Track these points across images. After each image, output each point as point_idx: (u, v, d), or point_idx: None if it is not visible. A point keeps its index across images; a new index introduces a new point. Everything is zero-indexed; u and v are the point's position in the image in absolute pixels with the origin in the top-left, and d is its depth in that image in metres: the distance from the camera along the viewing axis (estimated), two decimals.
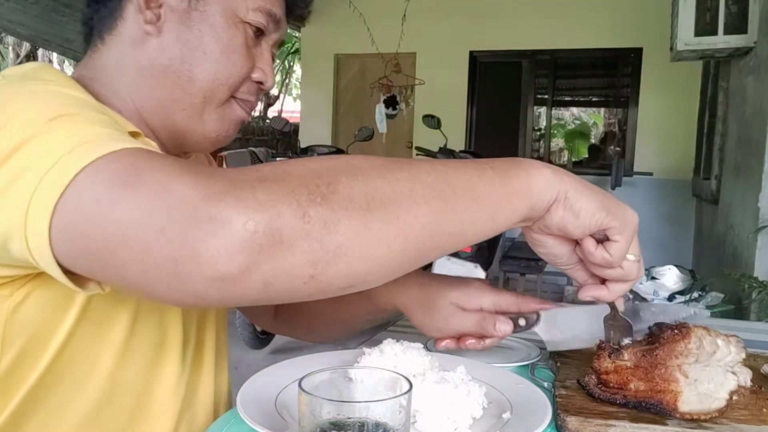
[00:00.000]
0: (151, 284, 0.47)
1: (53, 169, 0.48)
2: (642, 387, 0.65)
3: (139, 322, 0.69)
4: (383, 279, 0.52)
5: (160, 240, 0.44)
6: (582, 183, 0.60)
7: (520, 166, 0.58)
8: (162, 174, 0.46)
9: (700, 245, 4.95)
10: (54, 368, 0.63)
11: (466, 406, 0.63)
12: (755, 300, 2.49)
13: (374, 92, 6.84)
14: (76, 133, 0.51)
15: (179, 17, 0.70)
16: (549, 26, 6.17)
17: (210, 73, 0.71)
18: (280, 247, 0.44)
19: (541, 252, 0.66)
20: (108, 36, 0.72)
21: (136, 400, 0.71)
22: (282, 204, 0.45)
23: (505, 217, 0.57)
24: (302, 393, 0.48)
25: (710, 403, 0.64)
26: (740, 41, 3.28)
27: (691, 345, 0.63)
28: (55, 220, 0.47)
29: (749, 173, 2.96)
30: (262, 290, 0.46)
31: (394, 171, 0.51)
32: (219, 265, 0.43)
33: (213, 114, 0.73)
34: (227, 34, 0.71)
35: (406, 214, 0.49)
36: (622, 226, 0.61)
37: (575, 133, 11.80)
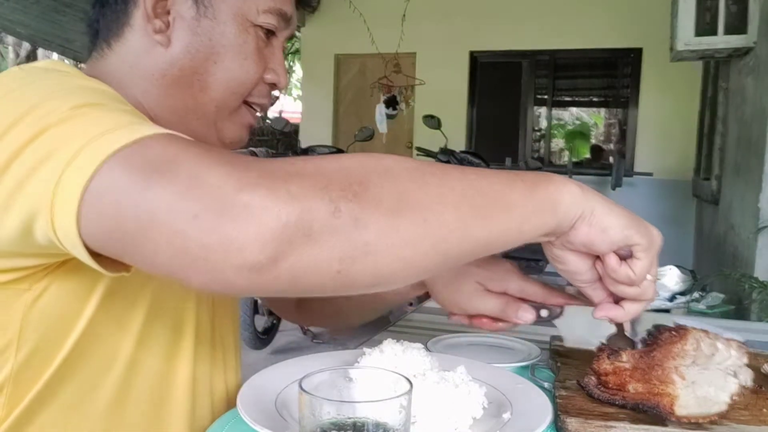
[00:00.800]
0: (181, 269, 0.47)
1: (83, 152, 0.48)
2: (640, 389, 0.64)
3: (155, 310, 0.70)
4: (408, 280, 0.52)
5: (193, 226, 0.45)
6: (609, 201, 0.60)
7: (549, 181, 0.58)
8: (195, 161, 0.47)
9: (701, 245, 4.95)
10: (72, 359, 0.64)
11: (467, 407, 0.63)
12: (756, 300, 2.49)
13: (374, 92, 6.84)
14: (104, 119, 0.51)
15: (188, 26, 0.69)
16: (549, 26, 6.18)
17: (222, 83, 0.71)
18: (309, 240, 0.45)
19: (561, 268, 0.65)
20: (115, 42, 0.71)
21: (156, 388, 0.71)
22: (314, 198, 0.45)
23: (531, 230, 0.56)
24: (302, 393, 0.48)
25: (710, 407, 0.63)
26: (740, 41, 3.28)
27: (687, 347, 0.62)
28: (84, 202, 0.47)
29: (749, 173, 2.96)
30: (290, 282, 0.47)
31: (425, 175, 0.52)
32: (249, 254, 0.44)
33: (226, 121, 0.74)
34: (238, 41, 0.70)
35: (435, 218, 0.50)
36: (648, 244, 0.61)
37: (575, 134, 11.79)
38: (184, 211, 0.45)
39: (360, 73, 7.16)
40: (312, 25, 7.17)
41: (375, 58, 6.66)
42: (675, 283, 2.91)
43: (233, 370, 0.87)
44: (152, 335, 0.70)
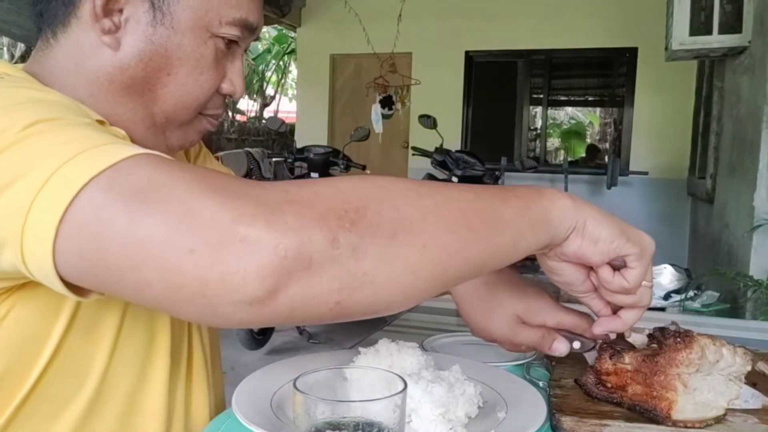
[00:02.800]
0: (174, 303, 0.45)
1: (55, 178, 0.44)
2: (639, 391, 0.64)
3: (127, 322, 0.67)
4: (408, 305, 0.51)
5: (189, 261, 0.42)
6: (600, 212, 0.60)
7: (542, 195, 0.57)
8: (185, 189, 0.44)
9: (696, 244, 4.96)
10: (46, 377, 0.61)
11: (462, 406, 0.63)
12: (750, 298, 2.50)
13: (370, 92, 6.84)
14: (71, 138, 0.48)
15: (142, 31, 0.63)
16: (544, 26, 6.18)
17: (174, 97, 0.66)
18: (308, 272, 0.44)
19: (556, 279, 0.65)
20: (61, 33, 0.64)
21: (126, 405, 0.69)
22: (312, 229, 0.44)
23: (527, 245, 0.56)
24: (297, 393, 0.48)
25: (707, 412, 0.63)
26: (735, 41, 3.29)
27: (693, 355, 0.61)
28: (60, 235, 0.44)
29: (744, 172, 2.97)
30: (288, 313, 0.45)
31: (422, 197, 0.50)
32: (248, 289, 0.42)
33: (176, 131, 0.70)
34: (196, 55, 0.65)
35: (433, 242, 0.49)
36: (641, 252, 0.60)
37: (571, 133, 11.82)
38: (178, 246, 0.42)
39: (355, 73, 7.16)
40: (307, 26, 7.17)
41: (370, 58, 6.66)
42: (670, 281, 2.92)
43: (217, 384, 0.85)
44: (125, 347, 0.67)
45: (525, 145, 6.96)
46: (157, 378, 0.71)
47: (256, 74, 12.95)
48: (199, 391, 0.80)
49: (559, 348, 0.73)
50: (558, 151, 11.58)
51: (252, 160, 4.35)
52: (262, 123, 9.08)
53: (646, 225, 5.38)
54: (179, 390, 0.76)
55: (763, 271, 2.66)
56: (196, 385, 0.80)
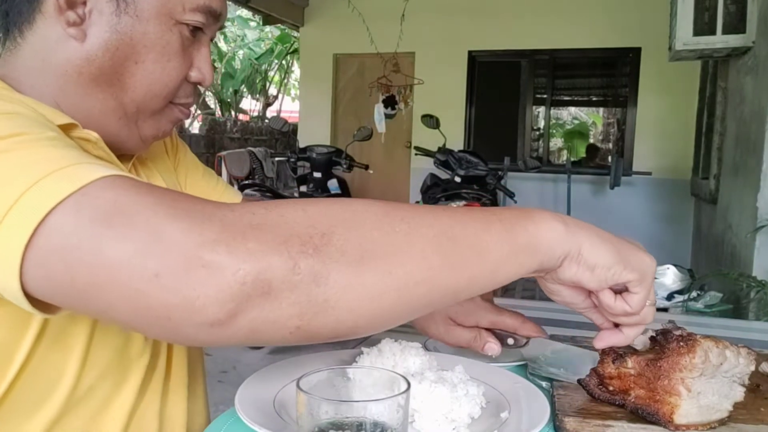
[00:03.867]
0: (141, 325, 0.46)
1: (22, 202, 0.45)
2: (642, 394, 0.64)
3: (97, 337, 0.67)
4: (372, 331, 0.51)
5: (154, 285, 0.43)
6: (597, 235, 0.57)
7: (529, 219, 0.55)
8: (152, 213, 0.45)
9: (699, 245, 4.95)
10: (16, 387, 0.61)
11: (465, 406, 0.63)
12: (753, 299, 2.49)
13: (373, 92, 6.84)
14: (36, 159, 0.47)
15: (107, 21, 0.63)
16: (547, 26, 6.18)
17: (143, 85, 0.66)
18: (267, 298, 0.44)
19: (556, 299, 0.63)
20: (27, 31, 0.64)
21: (96, 414, 0.68)
22: (272, 255, 0.44)
23: (508, 272, 0.54)
24: (300, 393, 0.48)
25: (711, 415, 0.62)
26: (738, 41, 3.29)
27: (696, 360, 0.60)
28: (27, 260, 0.44)
29: (748, 173, 2.96)
30: (249, 335, 0.46)
31: (394, 222, 0.49)
32: (209, 312, 0.43)
33: (148, 120, 0.70)
34: (162, 42, 0.65)
35: (400, 270, 0.48)
36: (641, 277, 0.58)
37: (574, 133, 11.80)
38: (144, 270, 0.43)
39: (358, 73, 7.16)
40: (311, 25, 7.17)
41: (374, 58, 6.66)
42: (673, 282, 2.91)
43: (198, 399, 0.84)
44: (97, 357, 0.67)
45: (528, 145, 6.95)
46: (130, 387, 0.71)
47: (259, 74, 12.96)
48: (176, 400, 0.79)
49: (492, 349, 0.79)
50: (561, 151, 11.56)
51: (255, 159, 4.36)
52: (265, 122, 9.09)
53: (649, 225, 5.39)
54: (153, 398, 0.74)
55: (767, 271, 2.66)
56: (172, 395, 0.78)
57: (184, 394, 0.80)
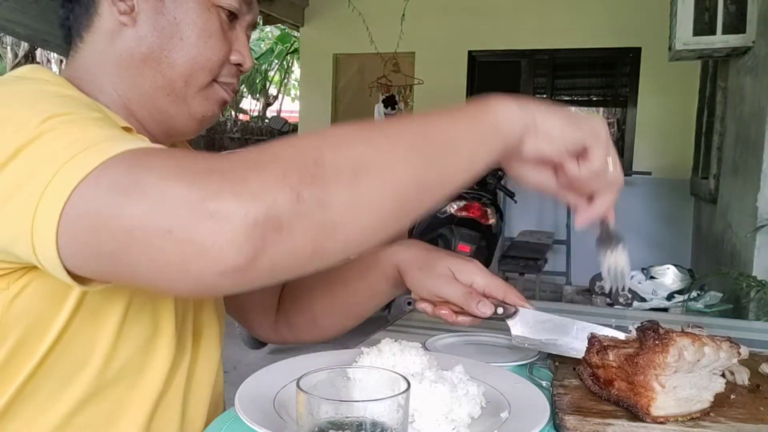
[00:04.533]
0: (165, 281, 0.49)
1: (56, 179, 0.49)
2: (624, 387, 0.65)
3: (132, 311, 0.70)
4: (378, 240, 0.54)
5: (169, 241, 0.46)
6: (547, 107, 0.62)
7: (488, 106, 0.60)
8: (158, 176, 0.48)
9: (699, 244, 4.95)
10: (52, 355, 0.65)
11: (465, 406, 0.63)
12: (753, 299, 2.49)
13: (373, 92, 6.84)
14: (74, 138, 0.52)
15: (152, 6, 0.72)
16: (547, 26, 6.18)
17: (189, 58, 0.73)
18: (280, 232, 0.46)
19: (527, 184, 0.68)
20: (86, 34, 0.74)
21: (125, 390, 0.71)
22: (276, 191, 0.46)
23: (482, 159, 0.59)
24: (300, 392, 0.48)
25: (690, 407, 0.63)
26: (738, 41, 3.28)
27: (669, 359, 0.61)
28: (61, 230, 0.49)
29: (747, 172, 2.96)
30: (271, 272, 0.48)
31: (374, 135, 0.53)
32: (227, 259, 0.45)
33: (196, 97, 0.76)
34: (202, 19, 0.73)
35: (390, 176, 0.52)
36: (594, 135, 0.63)
37: None
38: (157, 228, 0.46)
39: (358, 73, 7.16)
40: (311, 25, 7.17)
41: (374, 58, 6.65)
42: (673, 281, 2.92)
43: (214, 364, 0.87)
44: (130, 330, 0.70)
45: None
46: (158, 365, 0.74)
47: (259, 74, 12.95)
48: (201, 381, 0.82)
49: (484, 309, 0.82)
50: None
51: None
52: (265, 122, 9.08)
53: (649, 225, 5.38)
54: (181, 378, 0.78)
55: (767, 271, 2.66)
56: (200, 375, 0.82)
57: (208, 381, 0.84)
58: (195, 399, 0.81)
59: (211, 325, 0.85)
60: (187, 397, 0.79)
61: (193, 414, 0.80)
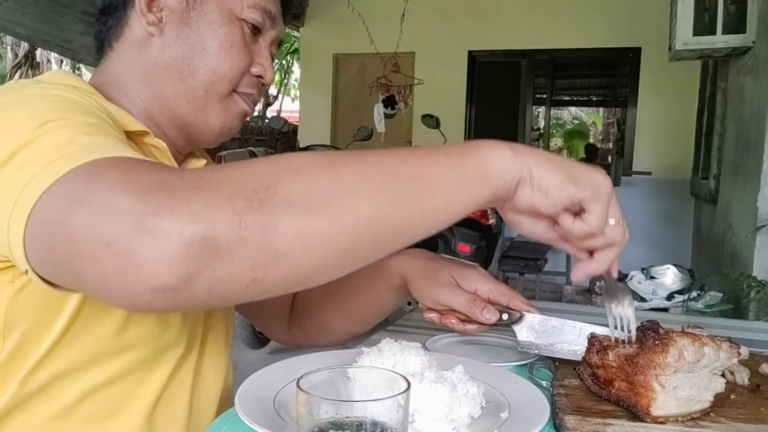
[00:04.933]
0: (105, 294, 0.49)
1: (29, 184, 0.50)
2: (624, 387, 0.65)
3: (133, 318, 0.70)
4: (330, 276, 0.52)
5: (107, 254, 0.45)
6: (545, 157, 0.58)
7: (476, 150, 0.56)
8: (109, 187, 0.47)
9: (699, 245, 4.95)
10: (55, 351, 0.66)
11: (465, 406, 0.63)
12: (754, 299, 2.49)
13: (373, 92, 6.83)
14: (57, 144, 0.52)
15: (179, 17, 0.76)
16: (547, 26, 6.17)
17: (210, 67, 0.76)
18: (218, 256, 0.45)
19: (521, 231, 0.65)
20: (116, 43, 0.78)
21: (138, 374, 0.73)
22: (217, 213, 0.45)
23: (460, 205, 0.55)
24: (300, 392, 0.48)
25: (690, 407, 0.63)
26: (738, 41, 3.28)
27: (669, 359, 0.61)
28: (27, 235, 0.49)
29: (748, 173, 2.96)
30: (207, 296, 0.47)
31: (338, 167, 0.51)
32: (159, 277, 0.45)
33: (216, 106, 0.78)
34: (224, 30, 0.76)
35: (348, 212, 0.49)
36: (594, 194, 0.59)
37: (574, 133, 11.82)
38: (99, 240, 0.46)
39: (358, 73, 7.16)
40: (310, 25, 7.16)
41: (373, 58, 6.65)
42: (673, 282, 2.91)
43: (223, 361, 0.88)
44: (137, 323, 0.71)
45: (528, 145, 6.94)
46: (165, 359, 0.75)
47: None
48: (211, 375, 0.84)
49: (488, 316, 0.81)
50: (561, 151, 11.57)
51: None
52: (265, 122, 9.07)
53: (649, 225, 5.37)
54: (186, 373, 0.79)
55: (767, 271, 2.66)
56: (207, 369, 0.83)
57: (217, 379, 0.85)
58: (203, 396, 0.82)
59: (218, 323, 0.86)
60: (194, 393, 0.80)
61: (201, 410, 0.81)
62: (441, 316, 0.85)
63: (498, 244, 4.35)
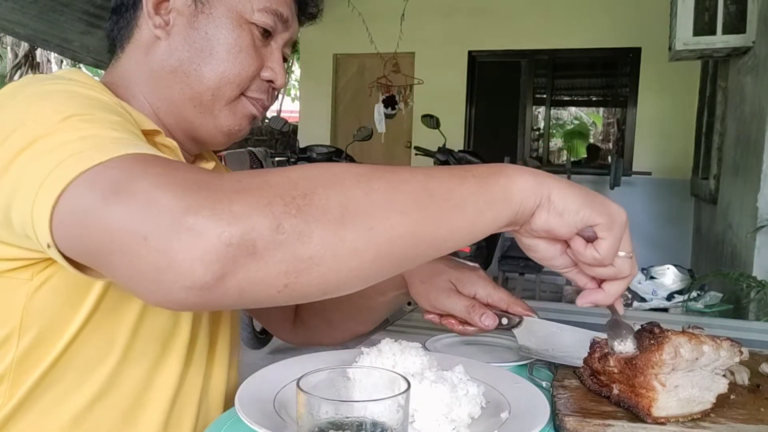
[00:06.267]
0: (137, 287, 0.49)
1: (56, 170, 0.50)
2: (625, 390, 0.65)
3: (150, 309, 0.71)
4: (358, 286, 0.53)
5: (144, 248, 0.46)
6: (565, 183, 0.60)
7: (501, 173, 0.58)
8: (150, 182, 0.48)
9: (699, 245, 4.95)
10: (71, 348, 0.66)
11: (465, 406, 0.63)
12: (754, 299, 2.49)
13: (373, 92, 6.84)
14: (83, 135, 0.53)
15: (186, 21, 0.75)
16: (547, 26, 6.18)
17: (218, 72, 0.74)
18: (253, 258, 0.46)
19: (534, 256, 0.65)
20: (127, 45, 0.78)
21: (142, 384, 0.73)
22: (257, 216, 0.46)
23: (485, 225, 0.57)
24: (300, 392, 0.48)
25: (692, 407, 0.63)
26: (738, 41, 3.29)
27: (665, 356, 0.61)
28: (54, 221, 0.50)
29: (748, 173, 2.96)
30: (238, 297, 0.48)
31: (372, 180, 0.52)
32: (195, 275, 0.45)
33: (224, 110, 0.77)
34: (233, 35, 0.75)
35: (381, 225, 0.50)
36: (609, 222, 0.60)
37: (574, 133, 11.81)
38: (136, 233, 0.46)
39: (358, 73, 7.16)
40: (310, 25, 7.15)
41: (374, 58, 6.65)
42: (673, 282, 2.92)
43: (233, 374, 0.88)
44: (148, 326, 0.71)
45: (528, 145, 6.95)
46: (174, 361, 0.75)
47: None
48: (218, 377, 0.84)
49: (487, 321, 0.81)
50: (561, 151, 11.57)
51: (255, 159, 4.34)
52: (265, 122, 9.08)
53: (649, 225, 5.37)
54: (198, 373, 0.79)
55: (767, 271, 2.66)
56: (216, 371, 0.83)
57: (224, 373, 0.85)
58: (210, 400, 0.82)
59: (225, 326, 0.86)
60: (203, 398, 0.80)
61: (210, 415, 0.81)
62: (441, 317, 0.85)
63: (498, 244, 4.35)
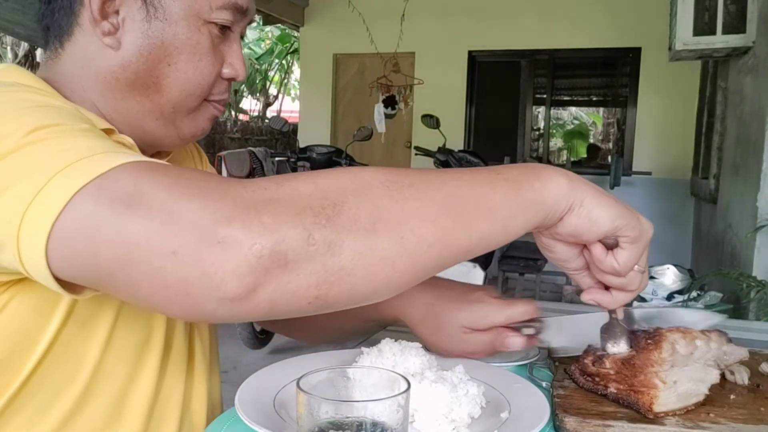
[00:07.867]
0: (162, 303, 0.48)
1: (50, 185, 0.47)
2: (622, 388, 0.66)
3: (121, 322, 0.68)
4: (388, 295, 0.52)
5: (172, 262, 0.45)
6: (599, 191, 0.59)
7: (535, 176, 0.57)
8: (167, 193, 0.46)
9: (699, 244, 4.95)
10: (40, 369, 0.63)
11: (465, 406, 0.63)
12: (754, 299, 2.49)
13: (373, 92, 6.84)
14: (65, 147, 0.50)
15: (138, 28, 0.67)
16: (548, 26, 6.18)
17: (178, 85, 0.69)
18: (285, 270, 0.45)
19: (549, 256, 0.65)
20: (67, 43, 0.69)
21: (115, 400, 0.69)
22: (287, 228, 0.45)
23: (517, 228, 0.56)
24: (300, 392, 0.48)
25: (689, 400, 0.65)
26: (738, 41, 3.29)
27: (663, 354, 0.62)
28: (52, 241, 0.47)
29: (748, 172, 2.96)
30: (269, 309, 0.47)
31: (403, 188, 0.51)
32: (228, 287, 0.45)
33: (185, 119, 0.72)
34: (192, 42, 0.68)
35: (412, 234, 0.49)
36: (637, 236, 0.60)
37: (574, 133, 11.81)
38: (161, 248, 0.45)
39: (359, 73, 7.16)
40: (311, 25, 7.17)
41: (374, 58, 6.66)
42: (673, 281, 2.92)
43: (215, 385, 0.85)
44: (119, 343, 0.68)
45: (528, 145, 6.95)
46: (148, 374, 0.72)
47: (259, 73, 12.96)
48: (199, 388, 0.81)
49: (514, 342, 0.77)
50: (561, 151, 11.57)
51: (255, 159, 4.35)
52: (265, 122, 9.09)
53: None
54: (176, 386, 0.76)
55: (767, 271, 2.66)
56: (197, 382, 0.81)
57: (204, 383, 0.82)
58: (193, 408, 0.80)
59: (203, 330, 0.84)
60: (185, 407, 0.78)
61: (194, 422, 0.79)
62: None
63: None
